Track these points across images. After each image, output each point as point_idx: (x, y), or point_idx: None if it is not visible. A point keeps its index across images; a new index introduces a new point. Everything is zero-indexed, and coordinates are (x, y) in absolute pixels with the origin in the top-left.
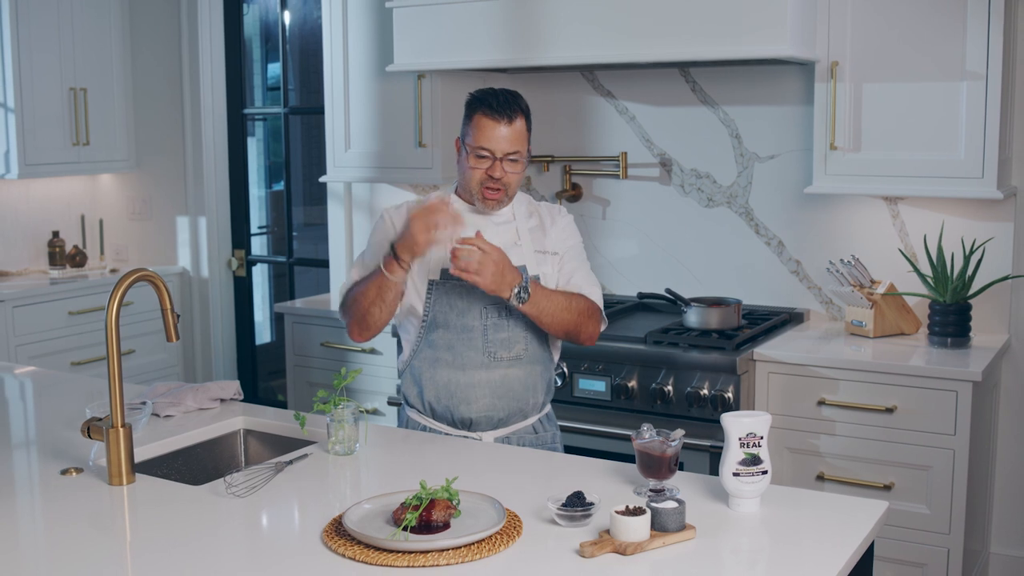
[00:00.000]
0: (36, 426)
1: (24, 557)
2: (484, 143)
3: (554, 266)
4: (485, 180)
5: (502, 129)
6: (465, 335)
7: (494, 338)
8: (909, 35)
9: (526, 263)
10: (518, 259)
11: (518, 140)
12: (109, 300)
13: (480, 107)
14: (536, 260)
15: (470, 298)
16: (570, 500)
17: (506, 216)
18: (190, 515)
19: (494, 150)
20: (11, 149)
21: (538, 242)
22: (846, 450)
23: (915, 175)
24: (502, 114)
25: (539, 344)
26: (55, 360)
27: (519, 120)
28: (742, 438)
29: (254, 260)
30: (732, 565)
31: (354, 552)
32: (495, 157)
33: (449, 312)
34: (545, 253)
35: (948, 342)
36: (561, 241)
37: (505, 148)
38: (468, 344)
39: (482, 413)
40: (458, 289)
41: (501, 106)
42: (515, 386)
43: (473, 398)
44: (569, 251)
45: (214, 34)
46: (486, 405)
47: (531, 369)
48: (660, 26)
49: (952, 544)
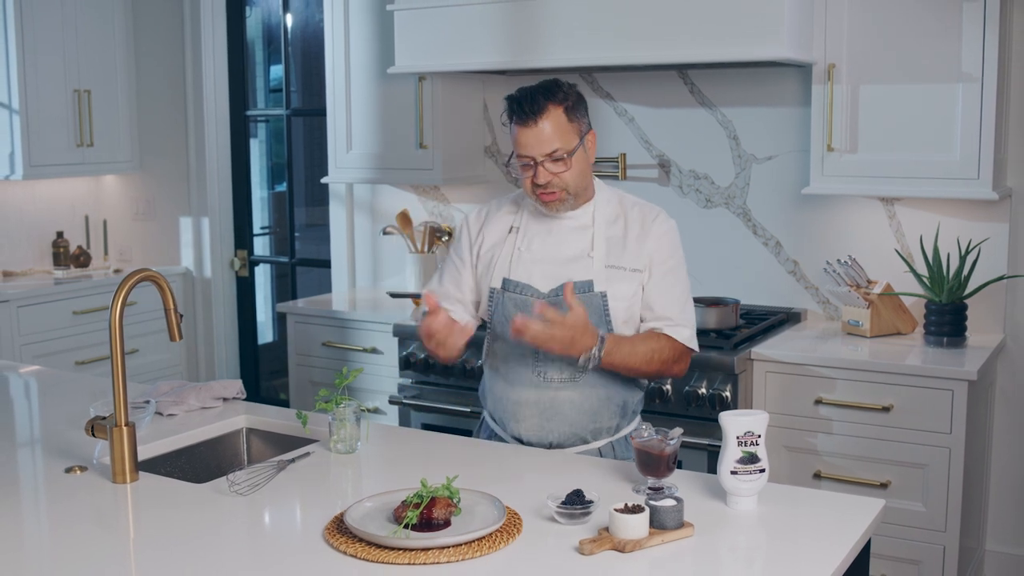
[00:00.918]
0: (41, 425)
1: (29, 554)
2: (519, 150)
3: (633, 284)
4: (534, 187)
5: (532, 130)
6: (517, 351)
7: (544, 357)
8: (905, 38)
9: (592, 278)
10: (585, 273)
11: (554, 136)
12: (113, 300)
13: (511, 114)
14: (606, 276)
15: (525, 313)
16: (569, 498)
17: (584, 219)
18: (193, 513)
19: (531, 155)
20: (16, 150)
21: (615, 255)
22: (843, 448)
23: (911, 176)
24: (526, 116)
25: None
26: (59, 359)
27: (550, 115)
28: (740, 437)
29: (256, 260)
30: (730, 562)
31: (355, 549)
32: (536, 162)
33: (506, 324)
34: (620, 269)
35: (944, 342)
36: (649, 255)
37: (541, 150)
38: (519, 360)
39: (531, 433)
40: (514, 300)
41: (523, 107)
42: (566, 409)
43: (522, 416)
44: (659, 268)
45: (217, 36)
46: (534, 426)
47: (590, 392)
48: (658, 28)
49: (948, 542)
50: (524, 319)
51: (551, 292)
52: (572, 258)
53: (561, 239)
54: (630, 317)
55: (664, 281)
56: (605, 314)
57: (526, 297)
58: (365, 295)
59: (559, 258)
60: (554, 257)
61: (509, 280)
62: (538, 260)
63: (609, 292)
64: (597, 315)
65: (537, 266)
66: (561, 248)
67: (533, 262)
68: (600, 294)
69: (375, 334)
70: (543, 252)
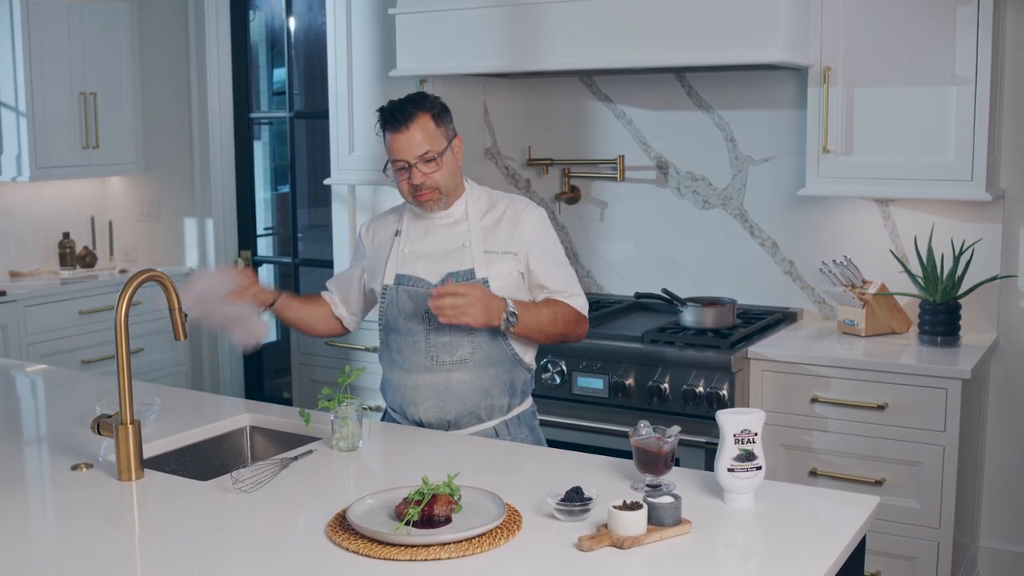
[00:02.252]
0: (47, 423)
1: (35, 550)
2: (394, 155)
3: (508, 265)
4: (411, 189)
5: (404, 135)
6: (410, 338)
7: (435, 342)
8: (900, 41)
9: (473, 266)
10: (463, 263)
11: (424, 140)
12: (119, 300)
13: (383, 124)
14: (485, 261)
15: (415, 303)
16: (569, 495)
17: (456, 215)
18: (197, 510)
19: (404, 158)
20: (23, 152)
21: (489, 241)
22: (838, 446)
23: (906, 178)
24: (397, 122)
25: (493, 347)
26: (66, 358)
27: (418, 121)
28: (737, 435)
29: (260, 261)
30: (727, 559)
31: (358, 546)
32: (409, 164)
33: (398, 316)
34: (496, 253)
35: (938, 341)
36: (525, 240)
37: (413, 152)
38: (413, 347)
39: (430, 415)
40: (407, 293)
41: (395, 115)
42: (459, 389)
43: (419, 400)
44: (537, 251)
45: (221, 40)
46: (433, 407)
47: (481, 372)
48: (656, 32)
49: (942, 538)
50: (440, 291)
51: (440, 282)
52: (451, 250)
53: (439, 235)
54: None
55: (547, 260)
56: None
57: (419, 289)
58: None
59: (439, 252)
60: (434, 252)
61: (402, 275)
62: (421, 257)
63: (489, 275)
64: None
65: (420, 262)
66: (440, 243)
67: (417, 259)
68: (482, 280)
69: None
70: (424, 249)
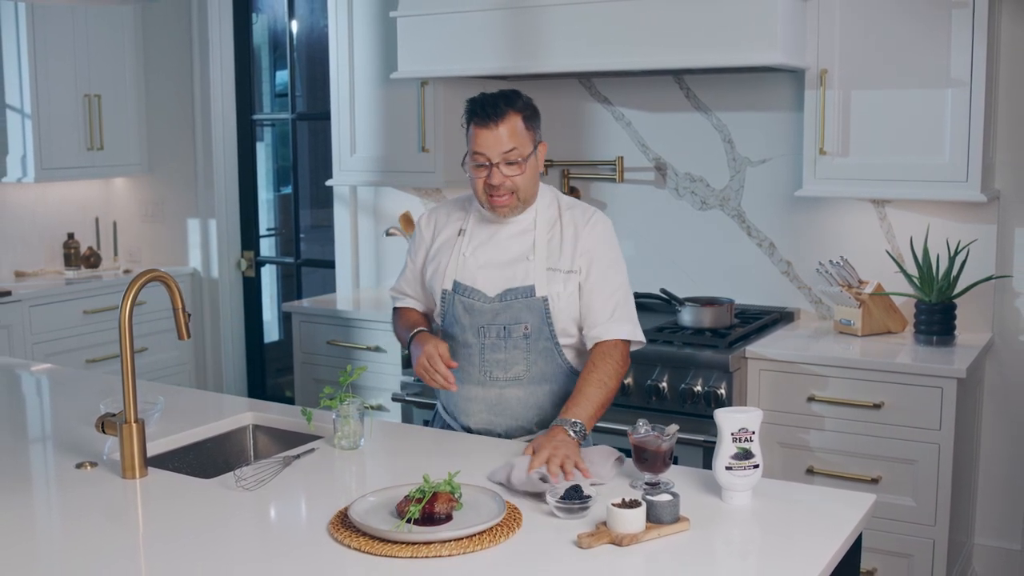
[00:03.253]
0: (52, 421)
1: (40, 548)
2: (477, 149)
3: (570, 285)
4: (487, 188)
5: (491, 132)
6: (465, 350)
7: (490, 358)
8: (896, 44)
9: (534, 283)
10: (525, 278)
11: (510, 140)
12: (123, 300)
13: (470, 116)
14: (547, 279)
15: (471, 316)
16: (568, 493)
17: (525, 224)
18: (201, 507)
19: (488, 155)
20: (28, 154)
21: (553, 258)
22: (835, 445)
23: (902, 179)
24: (488, 117)
25: (548, 363)
26: (70, 358)
27: (509, 120)
28: (734, 433)
29: (262, 261)
30: (724, 556)
31: (359, 543)
32: (491, 163)
33: (454, 325)
34: (559, 272)
35: (933, 340)
36: (584, 256)
37: (499, 150)
38: (467, 359)
39: (480, 427)
40: (463, 304)
41: (486, 109)
42: (512, 404)
43: (471, 411)
44: (593, 265)
45: (224, 43)
46: (483, 420)
47: (534, 389)
48: (655, 35)
49: (937, 535)
50: (535, 466)
51: (497, 296)
52: (513, 261)
53: (504, 243)
54: (569, 317)
55: (603, 278)
56: (547, 316)
57: (474, 301)
58: (368, 295)
59: (501, 261)
60: (497, 261)
61: (459, 284)
62: (482, 265)
63: (550, 294)
64: (539, 317)
65: (482, 271)
66: (503, 252)
67: (478, 267)
68: (542, 299)
69: (378, 333)
70: (486, 257)
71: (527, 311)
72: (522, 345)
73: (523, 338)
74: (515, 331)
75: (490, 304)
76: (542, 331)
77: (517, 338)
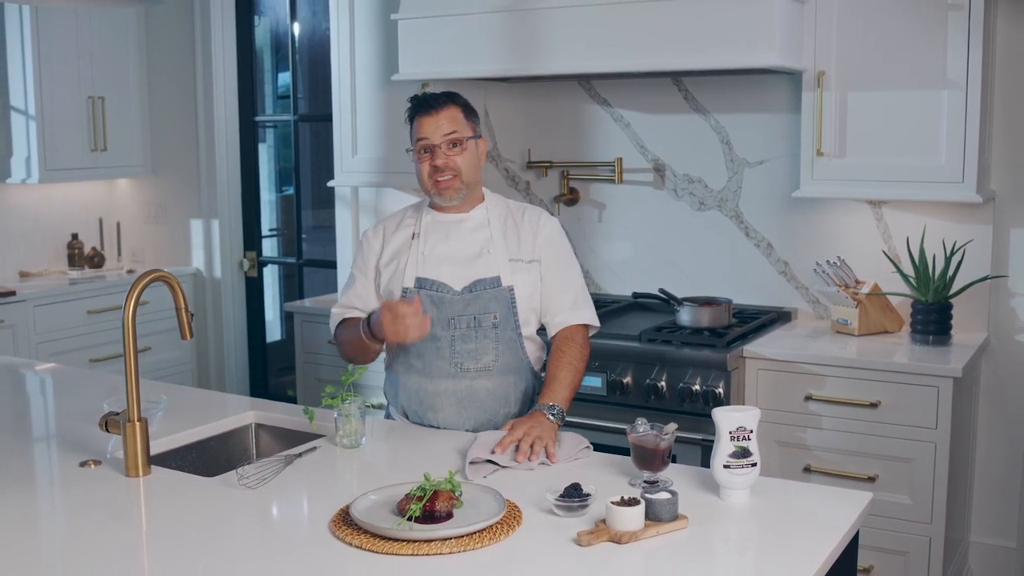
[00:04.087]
0: (56, 420)
1: (44, 546)
2: (420, 135)
3: (532, 274)
4: (432, 172)
5: (433, 118)
6: (433, 344)
7: (461, 349)
8: (892, 46)
9: (499, 273)
10: (489, 270)
11: (452, 123)
12: (126, 300)
13: (414, 110)
14: (511, 269)
15: (440, 308)
16: (568, 491)
17: (479, 220)
18: (204, 505)
19: (430, 138)
20: (32, 155)
21: (512, 249)
22: (832, 443)
23: (898, 180)
24: (430, 107)
25: (512, 355)
26: (74, 357)
27: (449, 108)
28: (732, 432)
29: (265, 261)
30: (723, 553)
31: (361, 541)
32: (434, 144)
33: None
34: (521, 262)
35: (930, 340)
36: (543, 248)
37: (439, 132)
38: (436, 353)
39: (448, 422)
40: (431, 297)
41: (428, 101)
42: (482, 397)
43: (439, 406)
44: (552, 259)
45: (226, 45)
46: (452, 414)
47: (502, 380)
48: (654, 38)
49: (934, 533)
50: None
51: (464, 289)
52: (475, 255)
53: (461, 240)
54: (529, 307)
55: (562, 268)
56: (512, 306)
57: (442, 294)
58: None
59: (463, 257)
60: (457, 257)
61: (423, 279)
62: (444, 260)
63: (515, 284)
64: (505, 307)
65: (444, 266)
66: (463, 248)
67: (439, 263)
68: (508, 288)
69: None
70: (446, 253)
71: (495, 301)
72: (492, 335)
73: (492, 327)
74: (485, 320)
75: (460, 296)
76: (508, 321)
77: (487, 327)
